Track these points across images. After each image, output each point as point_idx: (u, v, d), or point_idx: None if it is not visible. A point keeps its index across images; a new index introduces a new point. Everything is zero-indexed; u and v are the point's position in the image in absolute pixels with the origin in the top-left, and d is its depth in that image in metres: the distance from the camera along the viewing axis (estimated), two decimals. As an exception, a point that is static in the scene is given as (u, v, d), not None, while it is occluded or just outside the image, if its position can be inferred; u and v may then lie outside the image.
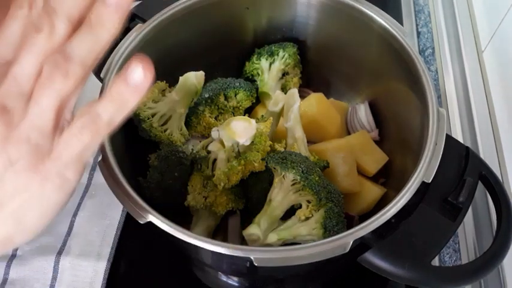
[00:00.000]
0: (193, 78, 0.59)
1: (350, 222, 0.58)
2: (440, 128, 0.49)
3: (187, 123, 0.63)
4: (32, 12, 0.24)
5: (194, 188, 0.56)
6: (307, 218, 0.51)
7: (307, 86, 0.72)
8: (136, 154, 0.57)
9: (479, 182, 0.48)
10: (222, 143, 0.54)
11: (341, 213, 0.51)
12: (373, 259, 0.43)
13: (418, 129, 0.52)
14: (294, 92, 0.58)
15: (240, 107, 0.66)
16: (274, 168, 0.53)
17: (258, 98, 0.69)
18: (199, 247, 0.42)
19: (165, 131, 0.60)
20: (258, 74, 0.69)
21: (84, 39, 0.24)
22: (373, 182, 0.61)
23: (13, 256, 0.59)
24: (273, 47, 0.67)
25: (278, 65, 0.67)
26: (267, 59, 0.67)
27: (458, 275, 0.43)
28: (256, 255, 0.41)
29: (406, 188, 0.45)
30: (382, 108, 0.66)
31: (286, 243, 0.51)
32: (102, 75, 0.53)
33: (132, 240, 0.62)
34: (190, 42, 0.64)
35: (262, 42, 0.69)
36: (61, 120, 0.26)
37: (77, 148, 0.26)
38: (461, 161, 0.49)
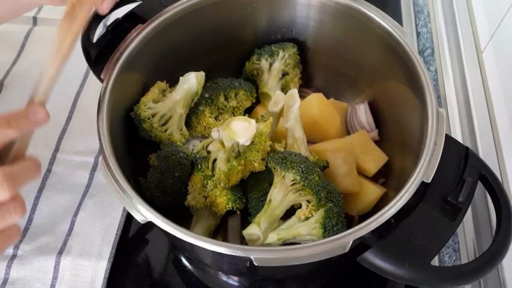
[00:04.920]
0: (194, 78, 0.59)
1: (350, 222, 0.58)
2: (439, 128, 0.49)
3: (188, 123, 0.63)
4: None
5: (194, 188, 0.56)
6: (307, 218, 0.51)
7: (307, 86, 0.73)
8: (136, 154, 0.57)
9: (479, 182, 0.48)
10: (222, 143, 0.54)
11: (341, 213, 0.51)
12: (373, 259, 0.43)
13: (418, 129, 0.52)
14: (294, 92, 0.58)
15: (240, 107, 0.66)
16: (274, 168, 0.53)
17: (258, 98, 0.69)
18: (199, 247, 0.42)
19: (166, 131, 0.60)
20: (258, 74, 0.69)
21: None
22: (373, 182, 0.61)
23: (14, 256, 0.59)
24: (273, 47, 0.67)
25: (278, 65, 0.67)
26: (267, 59, 0.67)
27: (458, 274, 0.43)
28: (256, 255, 0.41)
29: (406, 188, 0.45)
30: (382, 108, 0.66)
31: (286, 243, 0.51)
32: (102, 75, 0.53)
33: (133, 240, 0.62)
34: (191, 42, 0.64)
35: (262, 42, 0.69)
36: None
37: None
38: (461, 161, 0.49)
